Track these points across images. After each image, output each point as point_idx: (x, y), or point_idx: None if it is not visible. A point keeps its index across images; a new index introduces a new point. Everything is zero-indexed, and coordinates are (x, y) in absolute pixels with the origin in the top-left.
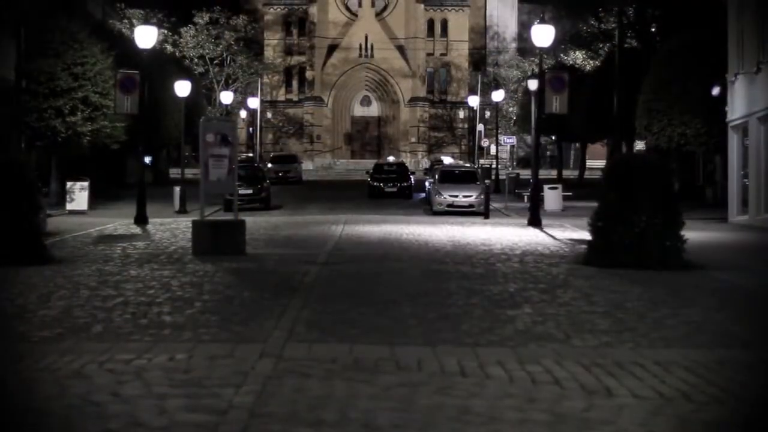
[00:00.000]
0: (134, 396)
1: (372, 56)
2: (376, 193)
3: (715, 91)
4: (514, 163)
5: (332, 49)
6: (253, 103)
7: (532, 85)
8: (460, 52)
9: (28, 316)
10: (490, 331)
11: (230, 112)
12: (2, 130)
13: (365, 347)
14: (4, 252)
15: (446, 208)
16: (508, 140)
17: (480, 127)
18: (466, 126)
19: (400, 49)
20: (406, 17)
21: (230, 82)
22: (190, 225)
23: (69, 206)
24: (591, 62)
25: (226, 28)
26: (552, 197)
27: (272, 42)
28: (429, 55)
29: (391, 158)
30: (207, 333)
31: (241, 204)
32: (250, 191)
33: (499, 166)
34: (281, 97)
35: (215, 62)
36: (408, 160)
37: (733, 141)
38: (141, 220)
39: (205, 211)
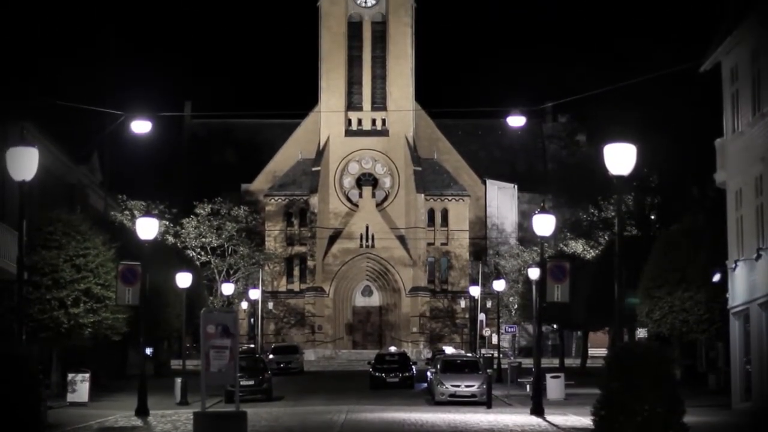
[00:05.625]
0: None
1: (373, 246)
2: (378, 384)
3: (716, 277)
4: (516, 352)
5: (333, 239)
6: (255, 294)
7: (534, 274)
8: (460, 242)
9: None
10: None
11: (231, 302)
12: (4, 322)
13: None
14: None
15: (448, 398)
16: (510, 329)
17: (481, 316)
18: (467, 315)
19: (401, 238)
20: (407, 207)
21: (231, 272)
22: (192, 417)
23: (70, 398)
24: (591, 251)
25: (227, 219)
26: (554, 386)
27: (273, 232)
28: (430, 244)
29: (392, 348)
30: None
31: (243, 395)
32: (251, 382)
33: (501, 355)
34: (282, 287)
35: (217, 252)
36: (410, 350)
37: (735, 327)
38: (142, 411)
39: (206, 403)
